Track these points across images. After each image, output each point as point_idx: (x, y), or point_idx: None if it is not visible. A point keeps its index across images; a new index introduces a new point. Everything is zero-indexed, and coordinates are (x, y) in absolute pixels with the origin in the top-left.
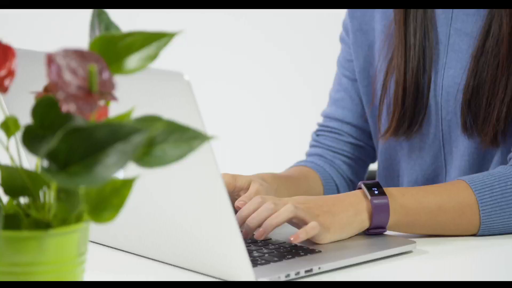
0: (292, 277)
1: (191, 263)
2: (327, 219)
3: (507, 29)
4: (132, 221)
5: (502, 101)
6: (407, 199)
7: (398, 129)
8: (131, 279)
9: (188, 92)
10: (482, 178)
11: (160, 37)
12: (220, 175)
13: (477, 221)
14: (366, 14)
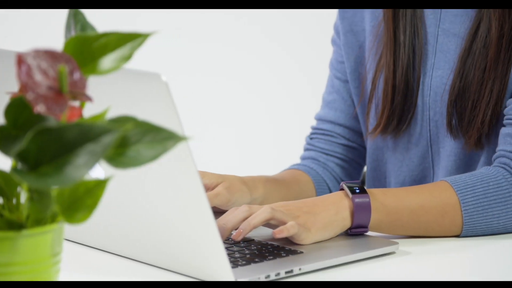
0: (272, 277)
1: (171, 263)
2: (308, 219)
3: (496, 32)
4: (112, 221)
5: (487, 105)
6: (389, 198)
7: (387, 127)
8: (109, 279)
9: (165, 93)
10: (464, 179)
11: (134, 38)
12: (198, 175)
13: (459, 221)
14: (356, 15)
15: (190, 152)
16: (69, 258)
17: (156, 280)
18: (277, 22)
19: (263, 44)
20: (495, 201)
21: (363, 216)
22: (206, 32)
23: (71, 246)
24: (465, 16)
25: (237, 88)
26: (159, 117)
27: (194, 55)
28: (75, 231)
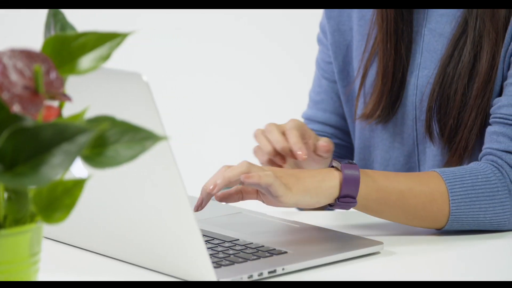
0: (255, 277)
1: (153, 263)
2: (291, 180)
3: (486, 63)
4: (95, 220)
5: (470, 131)
6: (379, 176)
7: (378, 108)
8: (92, 279)
9: (146, 93)
10: (453, 170)
11: (112, 37)
12: (180, 175)
13: (447, 210)
14: (342, 14)
15: (172, 152)
16: (52, 258)
17: (138, 280)
18: (277, 22)
19: (263, 44)
20: (483, 194)
21: (352, 186)
22: (206, 32)
23: (54, 245)
24: (451, 16)
25: (237, 88)
26: (140, 117)
27: (194, 55)
28: (60, 230)
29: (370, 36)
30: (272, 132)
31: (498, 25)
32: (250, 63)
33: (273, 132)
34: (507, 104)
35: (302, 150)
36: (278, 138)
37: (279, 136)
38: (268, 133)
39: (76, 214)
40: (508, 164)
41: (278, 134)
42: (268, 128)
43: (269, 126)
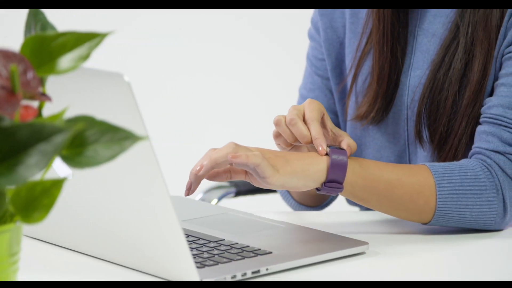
0: (238, 278)
1: (137, 263)
2: (279, 161)
3: (478, 73)
4: (78, 220)
5: (460, 140)
6: (368, 163)
7: (372, 110)
8: (75, 279)
9: (128, 93)
10: (443, 165)
11: (92, 37)
12: (162, 175)
13: (433, 204)
14: (335, 11)
15: (154, 153)
16: (36, 257)
17: (121, 280)
18: (277, 22)
19: (263, 44)
20: (471, 192)
21: (339, 171)
22: (206, 32)
23: (40, 244)
24: (444, 18)
25: (237, 88)
26: (122, 117)
27: (194, 55)
28: (46, 229)
29: (363, 34)
30: (297, 125)
31: (491, 35)
32: (250, 63)
33: (297, 125)
34: (497, 104)
35: (322, 147)
36: (303, 133)
37: (304, 130)
38: (292, 126)
39: (61, 214)
40: (497, 164)
41: (303, 128)
42: (291, 119)
43: (292, 116)
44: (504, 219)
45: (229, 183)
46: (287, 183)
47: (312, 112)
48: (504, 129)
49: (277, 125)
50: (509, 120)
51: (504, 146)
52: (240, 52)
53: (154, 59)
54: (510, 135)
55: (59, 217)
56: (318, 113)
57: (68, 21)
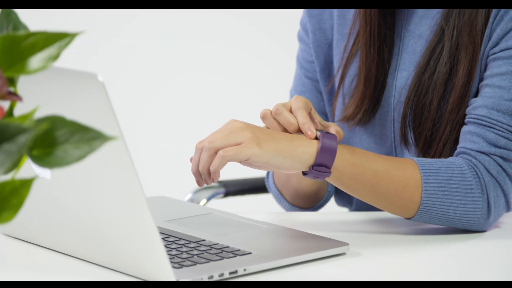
0: (215, 278)
1: (115, 263)
2: (264, 138)
3: (463, 78)
4: (57, 220)
5: (444, 145)
6: (357, 152)
7: (359, 112)
8: (53, 278)
9: (102, 93)
10: (430, 161)
11: (62, 37)
12: (136, 175)
13: (418, 198)
14: (324, 12)
15: (128, 152)
16: (14, 256)
17: (98, 280)
18: (277, 22)
19: (263, 44)
20: (456, 190)
21: (328, 156)
22: (206, 32)
23: (18, 243)
24: (430, 19)
25: (237, 88)
26: (97, 118)
27: (194, 55)
28: (25, 228)
29: (350, 36)
30: (282, 114)
31: (476, 40)
32: (250, 63)
33: (283, 114)
34: (481, 105)
35: (311, 130)
36: (289, 121)
37: (290, 118)
38: (278, 115)
39: (40, 214)
40: (482, 165)
41: (289, 116)
42: (277, 109)
43: (277, 107)
44: (488, 220)
45: (218, 184)
46: (272, 161)
47: (298, 103)
48: (488, 129)
49: (264, 118)
50: (494, 121)
51: (489, 147)
52: (240, 52)
53: (154, 59)
54: (494, 136)
55: (38, 217)
56: (304, 103)
57: (68, 21)
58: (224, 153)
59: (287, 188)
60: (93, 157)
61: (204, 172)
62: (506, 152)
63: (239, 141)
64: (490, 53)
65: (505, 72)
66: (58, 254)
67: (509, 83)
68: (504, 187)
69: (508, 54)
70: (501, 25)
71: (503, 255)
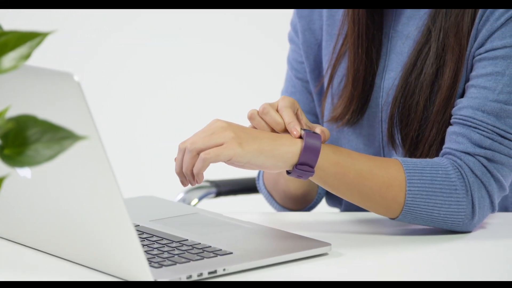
0: (194, 278)
1: (94, 262)
2: (246, 138)
3: (449, 79)
4: (38, 219)
5: (431, 147)
6: (341, 152)
7: (347, 112)
8: (33, 278)
9: (78, 93)
10: (415, 161)
11: (33, 37)
12: (114, 176)
13: (402, 199)
14: (313, 13)
15: (104, 152)
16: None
17: (77, 280)
18: (278, 22)
19: (263, 44)
20: (441, 190)
21: (311, 155)
22: (206, 32)
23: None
24: (418, 20)
25: (237, 88)
26: (73, 117)
27: (194, 55)
28: (7, 227)
29: (339, 36)
30: (269, 114)
31: (462, 41)
32: (251, 63)
33: (269, 113)
34: (467, 106)
35: (296, 130)
36: (276, 120)
37: (277, 117)
38: (264, 115)
39: (19, 212)
40: (467, 165)
41: (275, 115)
42: (263, 108)
43: (264, 106)
44: (472, 221)
45: (210, 184)
46: (253, 160)
47: (285, 103)
48: (473, 130)
49: (251, 118)
50: (478, 122)
51: (473, 148)
52: (240, 52)
53: (154, 59)
54: (479, 137)
55: (20, 216)
56: (290, 103)
57: (68, 21)
58: (205, 155)
59: (276, 190)
60: (72, 157)
61: (188, 174)
62: (491, 153)
63: (220, 142)
64: (476, 54)
65: (490, 72)
66: (41, 253)
67: (494, 83)
68: (488, 188)
69: (493, 54)
70: (487, 25)
71: (487, 255)
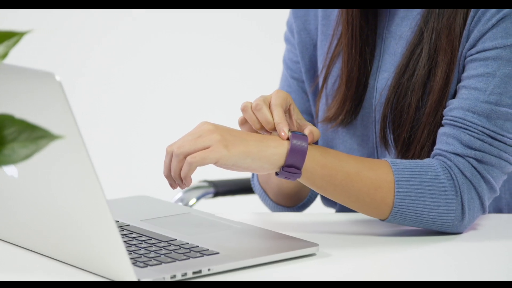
0: (178, 278)
1: (78, 261)
2: (232, 140)
3: (441, 80)
4: (24, 218)
5: (423, 148)
6: (330, 153)
7: (341, 113)
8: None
9: (59, 92)
10: (404, 163)
11: (9, 37)
12: (96, 176)
13: (390, 200)
14: (309, 13)
15: (86, 151)
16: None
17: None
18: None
19: (264, 44)
20: (430, 192)
21: (298, 156)
22: (206, 32)
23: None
24: (411, 20)
25: (238, 88)
26: (54, 117)
27: (195, 55)
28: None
29: (334, 36)
30: (261, 111)
31: (454, 43)
32: (251, 63)
33: (262, 110)
34: (458, 107)
35: (284, 131)
36: (267, 119)
37: (268, 116)
38: (257, 111)
39: (8, 211)
40: (457, 166)
41: (267, 114)
42: (257, 104)
43: (258, 101)
44: (462, 222)
45: (208, 184)
46: (240, 162)
47: (277, 99)
48: (464, 131)
49: (244, 111)
50: (469, 123)
51: (463, 149)
52: (240, 53)
53: (150, 59)
54: (469, 138)
55: (7, 215)
56: (283, 100)
57: (68, 21)
58: (191, 159)
59: (270, 185)
60: (56, 156)
61: (176, 177)
62: (481, 154)
63: (207, 145)
64: (467, 55)
65: (481, 73)
66: (29, 252)
67: (485, 85)
68: (478, 189)
69: (484, 55)
70: (478, 26)
71: (477, 256)
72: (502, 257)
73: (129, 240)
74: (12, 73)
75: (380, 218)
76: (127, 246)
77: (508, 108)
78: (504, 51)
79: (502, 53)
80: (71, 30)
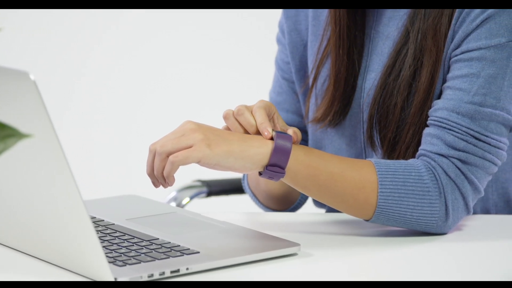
0: (156, 277)
1: (57, 259)
2: (215, 140)
3: (426, 81)
4: (4, 216)
5: (408, 148)
6: (313, 153)
7: (329, 113)
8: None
9: (34, 92)
10: (388, 163)
11: None
12: (72, 176)
13: (374, 200)
14: (299, 13)
15: (61, 149)
16: None
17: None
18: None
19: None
20: (413, 192)
21: (281, 156)
22: (206, 32)
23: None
24: (398, 20)
25: (238, 88)
26: (29, 116)
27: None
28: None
29: (324, 37)
30: (243, 115)
31: (439, 44)
32: (252, 63)
33: (244, 114)
34: (442, 107)
35: (267, 131)
36: (250, 122)
37: (251, 119)
38: (239, 116)
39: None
40: (441, 167)
41: (249, 117)
42: (238, 109)
43: (239, 107)
44: (446, 222)
45: (201, 183)
46: (222, 162)
47: (260, 103)
48: (448, 132)
49: (226, 118)
50: (453, 123)
51: (447, 149)
52: (241, 53)
53: (153, 59)
54: (453, 138)
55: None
56: (265, 105)
57: (68, 21)
58: (174, 159)
59: (258, 190)
60: (31, 155)
61: (159, 177)
62: (465, 155)
63: (189, 144)
64: (452, 55)
65: (465, 74)
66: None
67: (469, 85)
68: (462, 190)
69: (469, 56)
70: (463, 27)
71: (460, 256)
72: (487, 257)
73: (111, 239)
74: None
75: (364, 219)
76: (109, 245)
77: (492, 109)
78: (488, 51)
79: (486, 54)
80: (71, 30)
